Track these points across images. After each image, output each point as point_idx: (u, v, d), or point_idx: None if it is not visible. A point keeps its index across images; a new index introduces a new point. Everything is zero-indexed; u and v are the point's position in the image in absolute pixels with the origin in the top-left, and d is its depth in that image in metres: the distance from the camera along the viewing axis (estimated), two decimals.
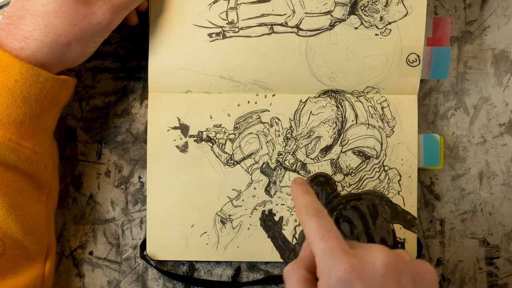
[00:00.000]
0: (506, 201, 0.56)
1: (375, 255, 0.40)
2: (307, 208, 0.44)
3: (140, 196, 0.55)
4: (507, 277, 0.56)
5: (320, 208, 0.44)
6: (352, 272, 0.39)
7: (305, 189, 0.47)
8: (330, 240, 0.41)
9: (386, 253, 0.41)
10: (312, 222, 0.43)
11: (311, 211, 0.44)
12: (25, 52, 0.44)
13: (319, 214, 0.43)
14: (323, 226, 0.42)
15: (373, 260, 0.40)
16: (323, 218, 0.43)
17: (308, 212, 0.44)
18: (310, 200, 0.45)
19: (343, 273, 0.39)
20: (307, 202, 0.45)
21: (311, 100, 0.53)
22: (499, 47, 0.56)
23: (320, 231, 0.42)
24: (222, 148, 0.53)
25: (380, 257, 0.40)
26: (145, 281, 0.55)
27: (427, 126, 0.56)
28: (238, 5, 0.51)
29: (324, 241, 0.41)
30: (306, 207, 0.44)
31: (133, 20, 0.51)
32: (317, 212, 0.44)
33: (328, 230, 0.42)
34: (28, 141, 0.45)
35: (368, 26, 0.52)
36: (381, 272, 0.40)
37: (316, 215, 0.43)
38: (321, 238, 0.41)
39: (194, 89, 0.52)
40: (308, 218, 0.43)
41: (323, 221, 0.43)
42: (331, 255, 0.40)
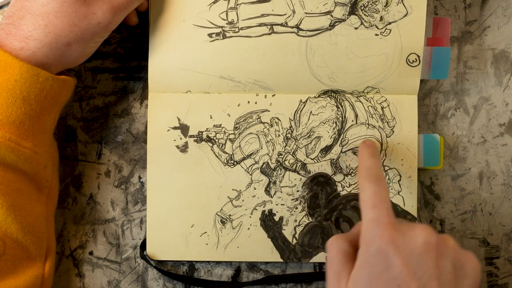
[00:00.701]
0: (506, 201, 0.56)
1: (417, 232, 0.40)
2: (369, 172, 0.45)
3: (140, 196, 0.55)
4: (507, 277, 0.56)
5: (380, 175, 0.44)
6: (392, 244, 0.39)
7: (371, 152, 0.47)
8: (380, 211, 0.41)
9: (429, 232, 0.40)
10: (368, 188, 0.43)
11: (370, 177, 0.44)
12: (25, 52, 0.44)
13: (378, 181, 0.43)
14: (378, 195, 0.42)
15: (415, 237, 0.40)
16: (380, 187, 0.43)
17: (368, 178, 0.44)
18: (373, 165, 0.46)
19: (383, 244, 0.40)
20: (369, 166, 0.45)
21: (311, 100, 0.53)
22: (499, 47, 0.56)
23: (373, 199, 0.42)
24: (222, 148, 0.53)
25: (422, 235, 0.40)
26: (145, 281, 0.55)
27: (427, 126, 0.56)
28: (238, 5, 0.51)
29: (374, 210, 0.41)
30: (367, 171, 0.45)
31: (133, 20, 0.51)
32: (376, 179, 0.44)
33: (382, 200, 0.42)
34: (28, 141, 0.45)
35: (368, 26, 0.52)
36: (421, 250, 0.39)
37: (375, 182, 0.43)
38: (372, 207, 0.42)
39: (194, 89, 0.52)
40: (366, 184, 0.44)
41: (380, 190, 0.43)
42: (377, 225, 0.41)
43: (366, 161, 0.46)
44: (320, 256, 0.53)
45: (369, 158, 0.46)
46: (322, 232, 0.53)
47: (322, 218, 0.53)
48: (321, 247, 0.53)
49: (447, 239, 0.41)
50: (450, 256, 0.40)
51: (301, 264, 0.55)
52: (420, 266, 0.39)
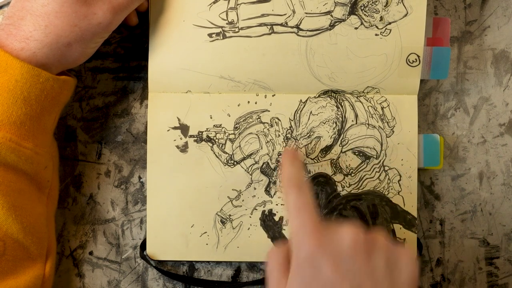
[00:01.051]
0: (506, 201, 0.56)
1: (344, 233, 0.40)
2: (289, 179, 0.44)
3: (140, 196, 0.55)
4: (507, 277, 0.56)
5: (301, 181, 0.44)
6: (319, 248, 0.39)
7: (292, 158, 0.46)
8: (304, 215, 0.41)
9: (356, 232, 0.40)
10: (290, 195, 0.43)
11: (292, 183, 0.43)
12: (25, 52, 0.44)
13: (299, 188, 0.43)
14: (300, 200, 0.42)
15: (341, 237, 0.40)
16: (301, 192, 0.42)
17: (289, 184, 0.43)
18: (294, 171, 0.45)
19: (311, 249, 0.39)
20: (290, 173, 0.45)
21: (311, 100, 0.53)
22: (499, 47, 0.56)
23: (296, 204, 0.42)
24: (222, 148, 0.53)
25: (349, 235, 0.39)
26: (145, 281, 0.55)
27: (427, 126, 0.56)
28: (238, 5, 0.51)
29: (298, 215, 0.41)
30: (289, 178, 0.44)
31: (133, 20, 0.51)
32: (297, 186, 0.43)
33: (304, 204, 0.42)
34: (29, 141, 0.45)
35: (368, 26, 0.52)
36: (349, 250, 0.39)
37: (297, 188, 0.43)
38: (296, 212, 0.41)
39: (194, 89, 0.52)
40: (287, 191, 0.43)
41: (302, 195, 0.42)
42: (303, 230, 0.40)
43: (287, 170, 0.45)
44: None
45: (289, 167, 0.45)
46: None
47: (322, 218, 0.53)
48: None
49: (376, 237, 0.41)
50: (382, 253, 0.40)
51: None
52: (351, 267, 0.39)
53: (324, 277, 0.38)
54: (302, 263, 0.39)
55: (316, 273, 0.39)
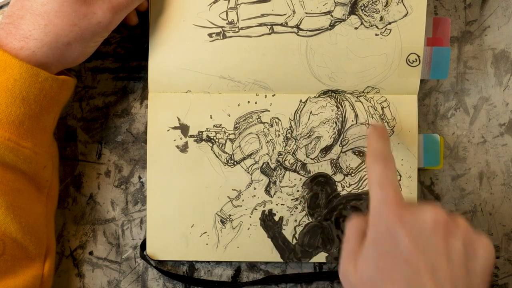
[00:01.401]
0: (506, 201, 0.56)
1: (426, 211, 0.40)
2: (376, 153, 0.45)
3: (140, 196, 0.55)
4: (507, 277, 0.56)
5: (388, 156, 0.45)
6: (400, 222, 0.39)
7: (380, 133, 0.47)
8: (388, 190, 0.41)
9: (439, 212, 0.40)
10: (376, 169, 0.43)
11: (378, 158, 0.44)
12: (24, 51, 0.44)
13: (385, 163, 0.44)
14: (385, 175, 0.43)
15: (423, 216, 0.40)
16: (388, 168, 0.43)
17: (376, 159, 0.44)
18: (381, 146, 0.45)
19: (391, 223, 0.40)
20: (377, 147, 0.45)
21: (311, 100, 0.53)
22: (499, 47, 0.56)
23: (381, 180, 0.42)
24: (222, 148, 0.53)
25: (431, 214, 0.40)
26: (145, 281, 0.55)
27: (427, 126, 0.56)
28: (238, 5, 0.51)
29: (382, 190, 0.42)
30: (375, 152, 0.45)
31: (133, 20, 0.51)
32: (384, 159, 0.44)
33: (389, 180, 0.42)
34: (28, 141, 0.45)
35: (368, 26, 0.52)
36: (429, 228, 0.39)
37: (382, 163, 0.44)
38: (380, 187, 0.42)
39: (194, 89, 0.52)
40: (373, 165, 0.44)
41: (387, 171, 0.43)
42: (384, 205, 0.41)
43: (374, 143, 0.46)
44: (320, 256, 0.53)
45: (377, 140, 0.46)
46: (322, 232, 0.53)
47: (322, 218, 0.53)
48: (321, 247, 0.53)
49: (458, 220, 0.41)
50: (461, 236, 0.40)
51: (301, 264, 0.55)
52: (429, 244, 0.39)
53: (401, 249, 0.39)
54: (380, 234, 0.40)
55: (394, 245, 0.39)
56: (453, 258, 0.39)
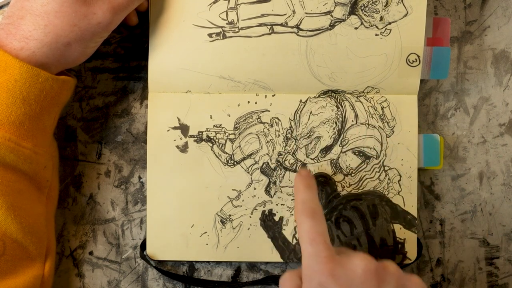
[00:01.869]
0: (506, 201, 0.56)
1: (356, 262, 0.41)
2: (304, 206, 0.45)
3: (140, 196, 0.55)
4: (507, 277, 0.56)
5: (316, 208, 0.45)
6: (331, 277, 0.40)
7: (307, 183, 0.47)
8: (318, 245, 0.42)
9: (368, 261, 0.41)
10: (304, 223, 0.43)
11: (306, 211, 0.44)
12: (25, 52, 0.44)
13: (314, 215, 0.44)
14: (315, 229, 0.43)
15: (354, 267, 0.40)
16: (316, 220, 0.43)
17: (304, 212, 0.44)
18: (309, 198, 0.46)
19: (323, 278, 0.40)
20: (305, 199, 0.45)
21: (311, 100, 0.53)
22: (499, 47, 0.56)
23: (310, 234, 0.42)
24: (222, 148, 0.53)
25: (361, 264, 0.40)
26: (145, 281, 0.55)
27: (427, 126, 0.56)
28: (238, 5, 0.51)
29: (312, 244, 0.42)
30: (303, 204, 0.45)
31: (133, 20, 0.51)
32: (312, 213, 0.44)
33: (318, 234, 0.42)
34: (28, 141, 0.45)
35: (368, 26, 0.52)
36: (361, 279, 0.40)
37: (311, 216, 0.44)
38: (310, 242, 0.42)
39: (194, 89, 0.52)
40: (301, 218, 0.44)
41: (316, 224, 0.43)
42: (316, 260, 0.41)
43: (301, 194, 0.46)
44: None
45: (304, 191, 0.46)
46: None
47: None
48: None
49: (387, 265, 0.41)
50: (393, 282, 0.41)
51: (301, 264, 0.55)
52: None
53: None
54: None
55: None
56: None
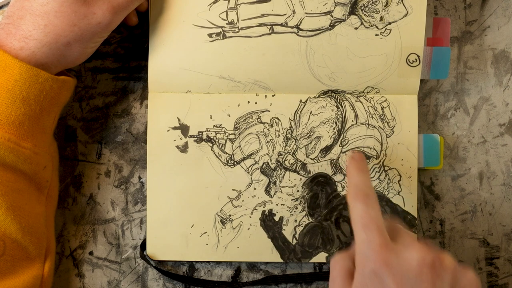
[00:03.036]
0: (506, 201, 0.56)
1: (412, 252, 0.40)
2: (356, 190, 0.43)
3: (140, 196, 0.55)
4: (507, 277, 0.56)
5: (369, 192, 0.43)
6: (385, 266, 0.39)
7: (359, 166, 0.46)
8: (371, 231, 0.41)
9: (425, 253, 0.40)
10: (358, 208, 0.42)
11: (359, 195, 0.43)
12: (24, 52, 0.44)
13: (367, 199, 0.42)
14: (368, 214, 0.41)
15: (409, 258, 0.40)
16: (369, 205, 0.42)
17: (357, 196, 0.43)
18: (362, 181, 0.44)
19: (377, 266, 0.39)
20: (357, 182, 0.44)
21: (311, 100, 0.53)
22: (499, 47, 0.56)
23: (364, 219, 0.41)
24: (222, 148, 0.53)
25: (417, 257, 0.40)
26: (145, 281, 0.55)
27: (427, 126, 0.56)
28: (238, 5, 0.51)
29: (366, 231, 0.41)
30: (356, 188, 0.44)
31: (133, 20, 0.51)
32: (365, 197, 0.43)
33: (372, 219, 0.41)
34: (28, 141, 0.45)
35: (368, 26, 0.52)
36: (415, 272, 0.39)
37: (364, 200, 0.42)
38: (363, 228, 0.41)
39: (194, 89, 0.52)
40: (354, 203, 0.43)
41: (369, 209, 0.42)
42: (369, 247, 0.40)
43: (354, 178, 0.45)
44: (320, 256, 0.53)
45: (357, 174, 0.45)
46: (322, 232, 0.53)
47: (322, 218, 0.53)
48: (321, 247, 0.53)
49: (443, 258, 0.41)
50: (448, 277, 0.40)
51: (301, 264, 0.55)
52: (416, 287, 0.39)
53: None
54: (367, 278, 0.39)
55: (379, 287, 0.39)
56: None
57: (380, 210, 0.42)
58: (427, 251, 0.40)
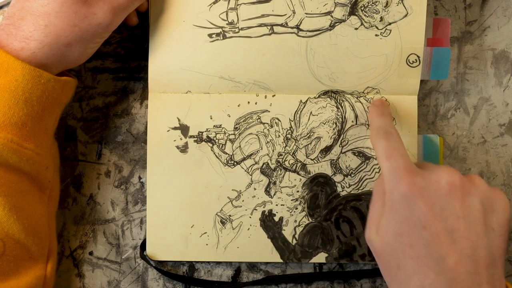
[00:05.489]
0: None
1: (440, 174, 0.41)
2: (378, 130, 0.46)
3: (140, 196, 0.55)
4: (507, 277, 0.56)
5: (390, 130, 0.45)
6: (414, 188, 0.40)
7: (380, 111, 0.48)
8: (396, 159, 0.42)
9: (453, 172, 0.41)
10: (381, 143, 0.44)
11: (381, 134, 0.45)
12: (25, 52, 0.44)
13: (388, 135, 0.44)
14: (391, 146, 0.43)
15: (437, 178, 0.41)
16: (391, 139, 0.44)
17: (378, 135, 0.45)
18: (383, 123, 0.47)
19: (405, 190, 0.40)
20: (379, 124, 0.46)
21: (311, 101, 0.53)
22: (499, 47, 0.56)
23: (387, 151, 0.43)
24: (222, 148, 0.53)
25: (445, 176, 0.40)
26: (145, 282, 0.55)
27: (427, 126, 0.56)
28: (238, 5, 0.51)
29: (390, 160, 0.42)
30: (377, 129, 0.46)
31: (133, 21, 0.51)
32: (387, 134, 0.45)
33: (395, 149, 0.43)
34: (30, 142, 0.45)
35: (368, 27, 0.52)
36: (445, 191, 0.40)
37: (385, 137, 0.44)
38: (387, 158, 0.42)
39: (194, 89, 0.52)
40: (377, 140, 0.44)
41: (391, 142, 0.44)
42: (396, 173, 0.41)
43: (376, 121, 0.47)
44: (320, 257, 0.53)
45: (379, 117, 0.47)
46: (322, 232, 0.53)
47: (322, 219, 0.53)
48: (321, 248, 0.53)
49: (473, 178, 0.42)
50: (478, 194, 0.41)
51: (301, 265, 0.55)
52: (445, 208, 0.40)
53: (418, 216, 0.40)
54: (396, 203, 0.40)
55: (410, 212, 0.40)
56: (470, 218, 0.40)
57: (402, 144, 0.44)
58: (455, 172, 0.41)
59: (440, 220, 0.39)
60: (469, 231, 0.40)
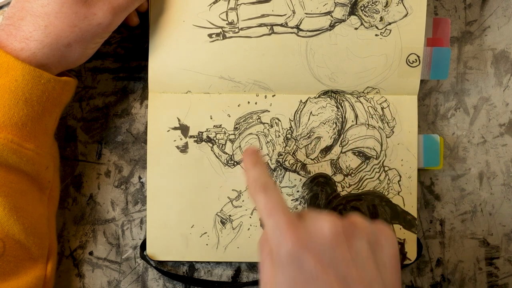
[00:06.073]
0: (506, 201, 0.56)
1: (322, 223, 0.39)
2: (255, 183, 0.43)
3: (140, 196, 0.55)
4: (507, 277, 0.56)
5: (267, 182, 0.42)
6: (298, 244, 0.38)
7: (253, 160, 0.45)
8: (276, 216, 0.40)
9: (333, 220, 0.39)
10: (260, 198, 0.41)
11: (258, 187, 0.42)
12: (25, 53, 0.44)
13: (266, 189, 0.42)
14: (270, 201, 0.41)
15: (320, 229, 0.39)
16: (270, 194, 0.41)
17: (256, 189, 0.42)
18: (258, 174, 0.43)
19: (290, 247, 0.38)
20: (255, 176, 0.43)
21: (311, 101, 0.53)
22: (499, 47, 0.56)
23: (267, 208, 0.40)
24: (222, 148, 0.53)
25: (327, 226, 0.39)
26: (145, 282, 0.55)
27: (427, 126, 0.56)
28: (238, 5, 0.51)
29: (271, 217, 0.40)
30: (254, 182, 0.43)
31: (134, 21, 0.51)
32: (264, 187, 0.42)
33: (275, 205, 0.40)
34: (30, 142, 0.45)
35: (368, 27, 0.52)
36: (330, 240, 0.38)
37: (263, 190, 0.41)
38: (268, 215, 0.40)
39: (194, 89, 0.52)
40: (256, 195, 0.42)
41: (270, 197, 0.41)
42: (279, 230, 0.39)
43: (250, 172, 0.44)
44: None
45: (253, 168, 0.44)
46: None
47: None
48: None
49: (354, 221, 0.40)
50: (363, 235, 0.40)
51: None
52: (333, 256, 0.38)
53: (308, 271, 0.38)
54: (283, 261, 0.38)
55: (299, 268, 0.38)
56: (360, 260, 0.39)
57: (281, 196, 0.42)
58: (336, 219, 0.39)
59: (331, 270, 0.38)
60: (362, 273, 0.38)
